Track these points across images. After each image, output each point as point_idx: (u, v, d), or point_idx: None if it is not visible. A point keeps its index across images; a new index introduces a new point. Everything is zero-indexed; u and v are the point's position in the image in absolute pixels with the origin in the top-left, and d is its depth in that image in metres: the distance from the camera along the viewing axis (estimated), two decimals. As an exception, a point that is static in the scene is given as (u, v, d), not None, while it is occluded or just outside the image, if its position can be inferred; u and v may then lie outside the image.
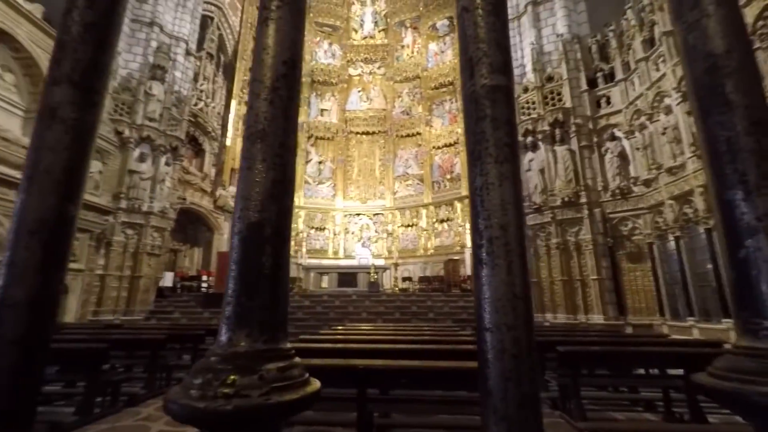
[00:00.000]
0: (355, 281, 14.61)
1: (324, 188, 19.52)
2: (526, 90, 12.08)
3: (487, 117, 1.14)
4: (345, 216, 19.17)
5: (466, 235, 15.73)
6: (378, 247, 18.55)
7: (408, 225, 18.49)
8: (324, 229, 18.79)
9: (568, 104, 11.21)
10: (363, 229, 19.04)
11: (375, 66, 20.85)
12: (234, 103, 16.56)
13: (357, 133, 20.22)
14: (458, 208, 16.93)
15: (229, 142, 16.20)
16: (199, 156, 15.78)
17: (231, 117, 16.51)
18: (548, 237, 11.15)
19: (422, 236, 17.90)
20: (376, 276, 14.55)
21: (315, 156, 19.75)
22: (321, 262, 17.15)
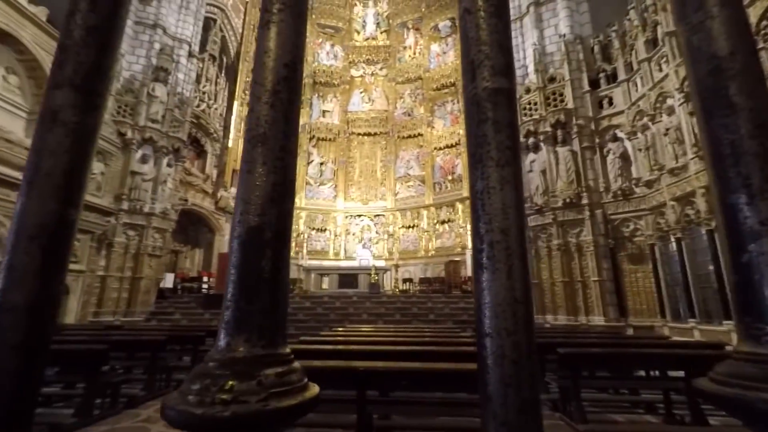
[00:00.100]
0: (356, 282, 14.61)
1: (325, 189, 19.53)
2: (528, 91, 12.07)
3: (489, 120, 1.13)
4: (346, 217, 19.17)
5: (467, 237, 15.69)
6: (379, 249, 18.53)
7: (409, 226, 18.48)
8: (325, 231, 18.80)
9: (570, 105, 11.19)
10: (364, 231, 19.04)
11: (377, 67, 20.87)
12: (236, 105, 16.60)
13: (358, 134, 20.24)
14: (459, 210, 16.91)
15: (231, 144, 16.24)
16: (201, 157, 15.82)
17: (233, 118, 16.56)
18: (549, 238, 11.12)
19: (423, 237, 17.88)
20: (377, 277, 14.55)
21: (316, 157, 19.77)
22: (322, 264, 17.15)
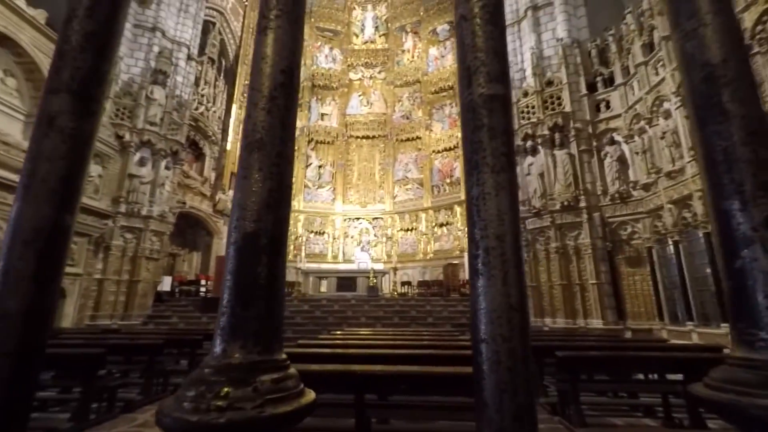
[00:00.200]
0: (354, 285, 14.60)
1: (324, 192, 19.51)
2: (526, 94, 12.10)
3: (485, 126, 1.14)
4: (344, 220, 19.15)
5: (466, 240, 15.65)
6: (377, 252, 18.51)
7: (407, 229, 18.47)
8: (323, 233, 18.77)
9: (568, 108, 11.23)
10: (362, 234, 19.02)
11: (375, 70, 20.91)
12: (235, 108, 16.62)
13: (357, 137, 20.25)
14: (458, 213, 16.91)
15: (230, 146, 16.23)
16: (200, 160, 15.81)
17: (232, 121, 16.56)
18: (547, 241, 11.13)
19: (421, 240, 17.87)
20: (375, 280, 14.54)
21: (315, 160, 19.77)
22: (320, 267, 17.13)
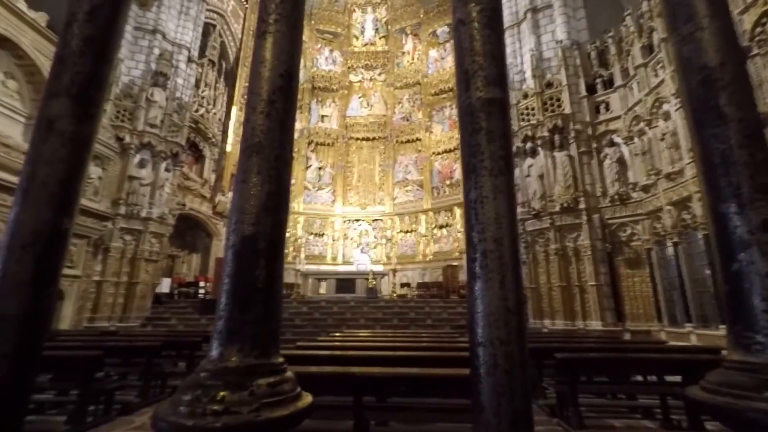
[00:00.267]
0: (354, 287, 14.58)
1: (323, 194, 19.51)
2: (526, 96, 12.11)
3: (483, 130, 1.14)
4: (344, 222, 19.14)
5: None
6: (377, 253, 18.49)
7: (407, 231, 18.45)
8: (323, 235, 18.75)
9: (568, 110, 11.24)
10: (362, 235, 19.00)
11: (375, 72, 20.94)
12: (235, 110, 16.62)
13: (357, 139, 20.27)
14: (457, 214, 16.89)
15: (230, 148, 16.23)
16: (200, 162, 15.81)
17: (232, 123, 16.56)
18: (547, 243, 11.13)
19: (421, 242, 17.86)
20: (375, 282, 14.53)
21: (315, 162, 19.78)
22: (319, 268, 17.12)
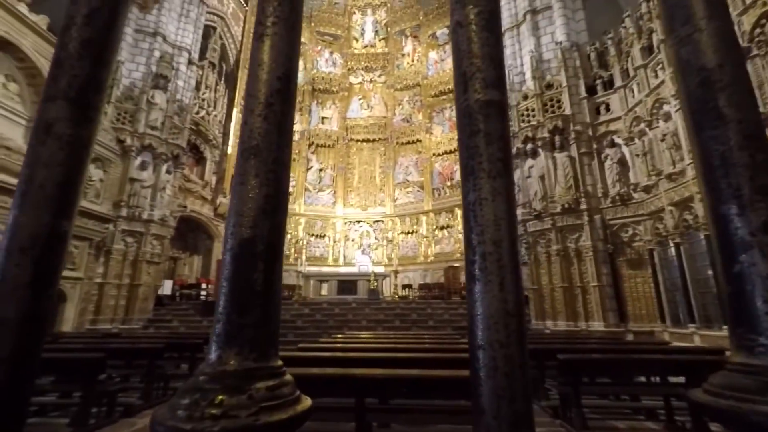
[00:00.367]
0: (355, 289, 14.57)
1: (324, 195, 19.52)
2: (526, 97, 12.11)
3: (481, 132, 1.14)
4: (345, 223, 19.14)
5: (467, 242, 15.61)
6: (378, 255, 18.49)
7: (408, 232, 18.44)
8: (324, 237, 18.75)
9: (568, 111, 11.24)
10: (363, 237, 19.00)
11: (375, 74, 20.97)
12: (236, 111, 16.65)
13: (357, 141, 20.28)
14: (458, 215, 16.86)
15: (231, 150, 16.26)
16: (200, 164, 15.84)
17: (232, 125, 16.59)
18: (548, 244, 11.11)
19: (422, 243, 17.85)
20: (376, 283, 14.51)
21: (315, 163, 19.80)
22: (321, 270, 17.11)
